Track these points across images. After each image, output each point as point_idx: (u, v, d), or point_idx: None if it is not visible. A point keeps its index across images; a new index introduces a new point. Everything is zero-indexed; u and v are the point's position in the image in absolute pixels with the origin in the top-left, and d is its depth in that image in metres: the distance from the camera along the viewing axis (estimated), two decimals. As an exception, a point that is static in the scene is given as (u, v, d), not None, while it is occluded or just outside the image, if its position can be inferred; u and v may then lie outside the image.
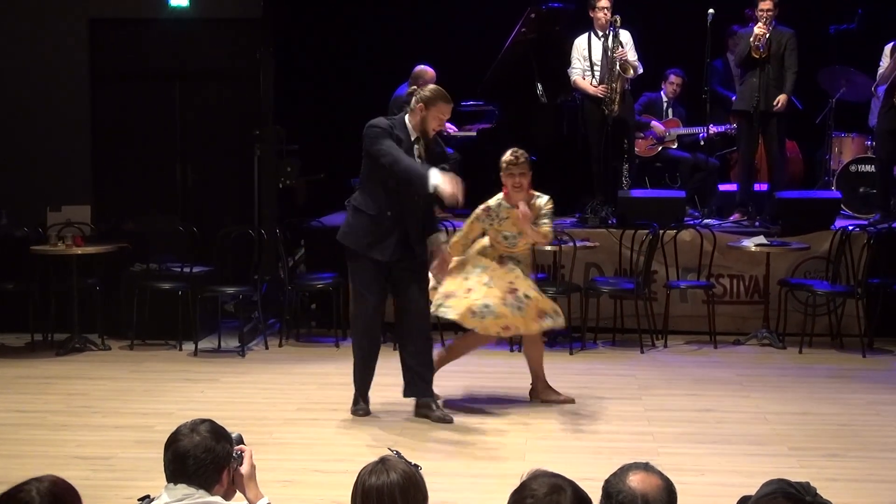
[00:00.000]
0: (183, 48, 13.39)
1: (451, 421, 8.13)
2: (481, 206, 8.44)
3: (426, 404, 8.25)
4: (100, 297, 11.04)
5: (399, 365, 8.37)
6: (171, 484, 3.82)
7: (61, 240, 10.74)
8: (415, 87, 8.04)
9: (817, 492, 3.09)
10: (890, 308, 10.69)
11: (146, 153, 13.47)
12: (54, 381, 9.55)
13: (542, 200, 8.45)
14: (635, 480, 3.22)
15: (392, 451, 3.65)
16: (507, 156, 8.33)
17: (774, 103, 11.39)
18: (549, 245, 9.93)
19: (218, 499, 3.83)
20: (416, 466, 3.57)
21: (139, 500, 3.86)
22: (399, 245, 8.02)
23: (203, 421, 3.94)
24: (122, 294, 11.02)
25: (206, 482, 3.83)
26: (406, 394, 8.34)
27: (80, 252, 10.67)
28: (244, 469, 4.02)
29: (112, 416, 8.36)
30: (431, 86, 8.17)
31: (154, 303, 10.84)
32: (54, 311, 11.02)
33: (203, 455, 3.81)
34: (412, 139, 8.02)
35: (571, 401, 8.59)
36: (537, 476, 3.20)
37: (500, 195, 8.40)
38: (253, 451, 4.13)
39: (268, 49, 12.02)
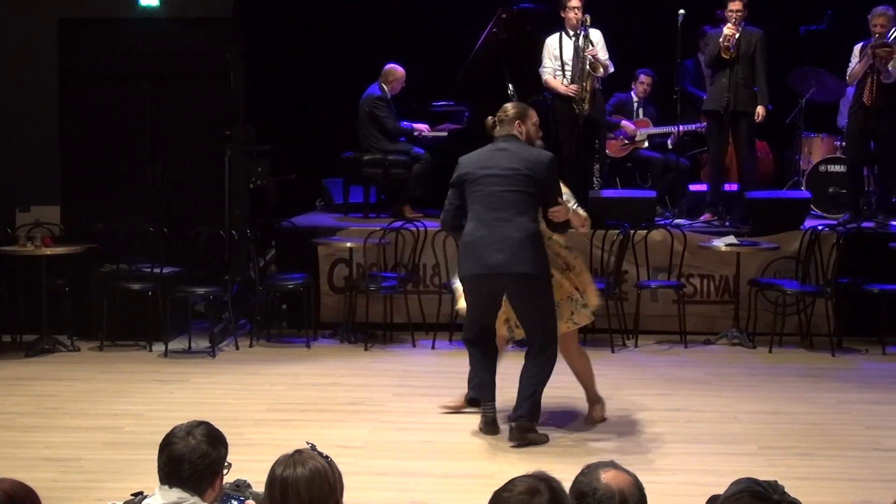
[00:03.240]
0: (153, 48, 13.34)
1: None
2: None
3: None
4: (69, 297, 10.97)
5: (370, 367, 8.34)
6: (166, 486, 3.79)
7: (30, 240, 10.67)
8: (492, 118, 7.95)
9: (785, 490, 3.10)
10: (859, 307, 10.74)
11: (116, 153, 13.41)
12: (23, 383, 9.49)
13: None
14: (609, 478, 3.23)
15: (308, 443, 3.67)
16: None
17: (755, 116, 11.42)
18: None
19: None
20: (328, 458, 3.58)
21: (132, 494, 3.85)
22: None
23: (199, 424, 3.90)
24: (92, 295, 10.96)
25: (199, 487, 3.80)
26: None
27: (49, 253, 10.61)
28: None
29: (81, 418, 8.32)
30: (511, 105, 8.04)
31: (124, 303, 10.78)
32: (23, 312, 10.94)
33: (198, 460, 3.78)
34: None
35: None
36: (527, 475, 3.21)
37: None
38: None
39: (238, 49, 11.97)
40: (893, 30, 11.24)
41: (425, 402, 8.63)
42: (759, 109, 11.44)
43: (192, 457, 3.77)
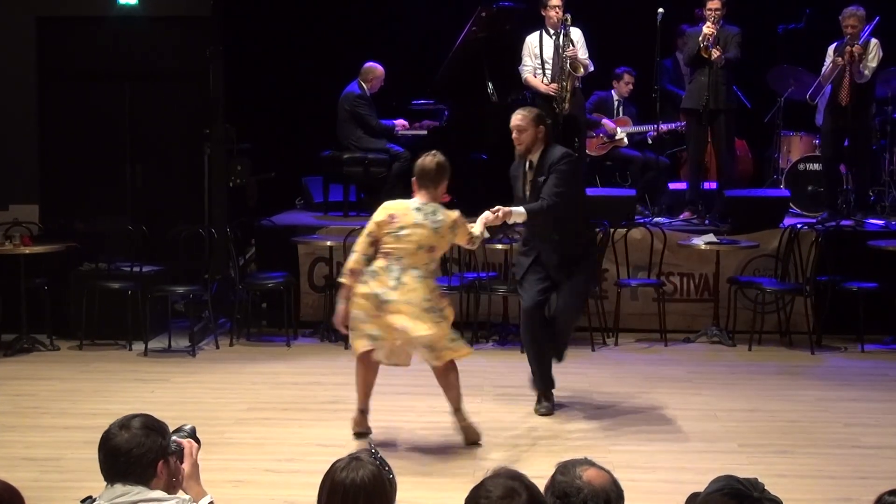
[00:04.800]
0: (132, 47, 13.29)
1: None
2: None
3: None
4: (48, 297, 10.92)
5: (350, 365, 8.28)
6: (109, 485, 3.78)
7: (9, 239, 10.63)
8: None
9: (765, 487, 3.12)
10: (837, 305, 10.78)
11: (95, 152, 13.36)
12: (2, 382, 9.45)
13: None
14: (591, 476, 3.23)
15: (371, 447, 3.60)
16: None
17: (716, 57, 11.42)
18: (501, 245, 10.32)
19: (158, 493, 3.78)
20: (386, 466, 3.52)
21: (81, 501, 3.83)
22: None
23: (136, 416, 3.88)
24: (71, 294, 10.92)
25: (143, 478, 3.78)
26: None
27: (28, 252, 10.57)
28: (185, 468, 3.97)
29: (61, 417, 8.30)
30: None
31: (104, 303, 10.75)
32: (2, 311, 10.89)
33: (134, 450, 3.76)
34: (525, 168, 8.42)
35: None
36: (497, 476, 3.19)
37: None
38: (198, 448, 4.07)
39: (217, 47, 11.93)
40: (867, 30, 11.29)
41: (405, 400, 8.62)
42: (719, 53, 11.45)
43: (128, 448, 3.76)
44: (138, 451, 3.77)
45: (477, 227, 7.76)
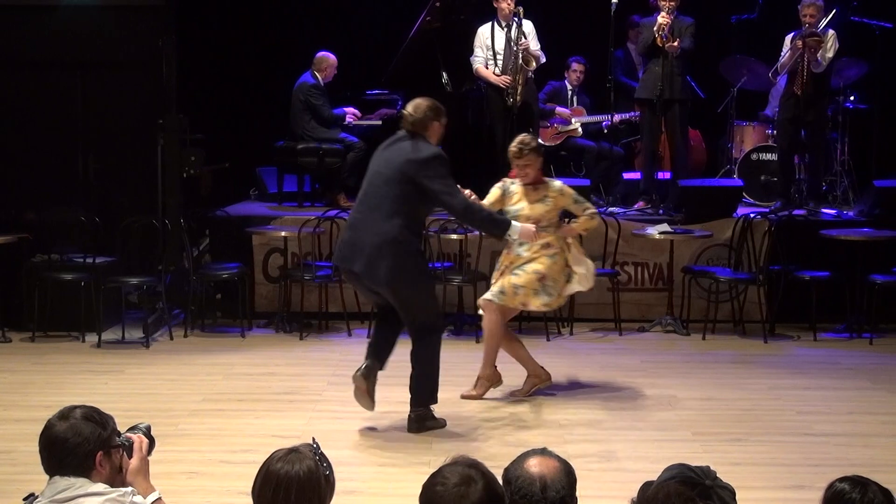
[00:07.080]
0: (84, 36, 13.15)
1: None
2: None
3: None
4: (0, 288, 10.84)
5: (305, 356, 8.28)
6: (50, 478, 3.74)
7: (-41, 231, 10.54)
8: None
9: (717, 475, 3.14)
10: (790, 294, 10.85)
11: (47, 143, 13.22)
12: (-47, 375, 9.39)
13: (556, 187, 8.62)
14: (532, 465, 3.28)
15: (314, 443, 3.59)
16: (513, 148, 8.45)
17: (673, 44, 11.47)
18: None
19: (100, 486, 3.72)
20: (327, 466, 3.51)
21: (24, 499, 3.78)
22: None
23: (78, 407, 3.84)
24: (24, 285, 10.83)
25: (80, 469, 3.73)
26: None
27: (-22, 243, 10.49)
28: (133, 463, 3.92)
29: (13, 410, 8.24)
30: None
31: (56, 294, 10.67)
32: (-47, 303, 10.81)
33: (71, 440, 3.72)
34: None
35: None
36: (454, 463, 3.21)
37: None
38: (149, 445, 4.04)
39: (170, 37, 11.85)
40: (824, 20, 11.37)
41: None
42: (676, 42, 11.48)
43: (66, 438, 3.73)
44: (75, 440, 3.71)
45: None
